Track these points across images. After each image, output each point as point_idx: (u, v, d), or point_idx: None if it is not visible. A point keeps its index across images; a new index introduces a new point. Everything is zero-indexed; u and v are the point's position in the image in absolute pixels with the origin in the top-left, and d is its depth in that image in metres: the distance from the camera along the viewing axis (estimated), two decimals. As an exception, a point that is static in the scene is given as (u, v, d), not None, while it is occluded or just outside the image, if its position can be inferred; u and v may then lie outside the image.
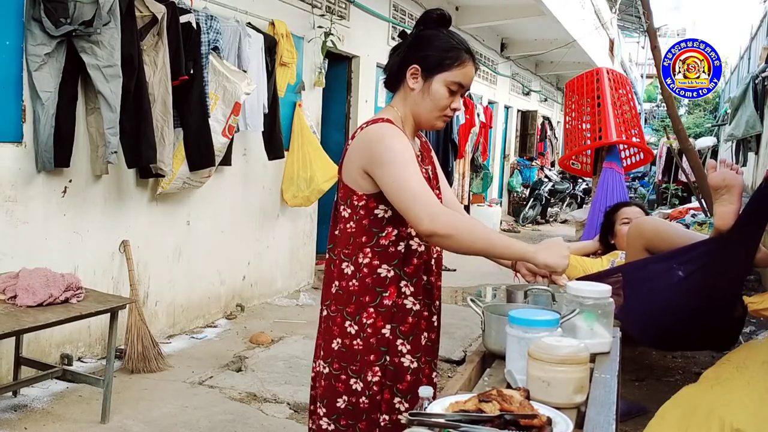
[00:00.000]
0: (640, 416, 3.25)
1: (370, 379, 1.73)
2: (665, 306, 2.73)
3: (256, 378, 3.78)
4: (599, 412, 1.31)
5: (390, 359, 1.74)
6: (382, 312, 1.73)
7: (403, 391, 1.74)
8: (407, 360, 1.75)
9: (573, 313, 1.62)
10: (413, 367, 1.75)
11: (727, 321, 2.83)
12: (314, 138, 5.51)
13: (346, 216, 1.77)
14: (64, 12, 3.21)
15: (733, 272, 2.71)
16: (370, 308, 1.73)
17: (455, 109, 1.77)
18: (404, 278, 1.75)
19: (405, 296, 1.75)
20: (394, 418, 1.74)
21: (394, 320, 1.74)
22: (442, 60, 1.73)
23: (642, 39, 24.64)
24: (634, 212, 3.55)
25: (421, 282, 1.77)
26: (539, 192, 12.19)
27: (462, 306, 5.60)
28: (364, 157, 1.71)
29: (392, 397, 1.75)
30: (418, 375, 1.76)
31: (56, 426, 3.06)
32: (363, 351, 1.73)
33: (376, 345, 1.73)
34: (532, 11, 8.91)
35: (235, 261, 5.06)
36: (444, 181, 2.00)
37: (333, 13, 5.92)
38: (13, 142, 3.31)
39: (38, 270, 3.00)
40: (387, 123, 1.73)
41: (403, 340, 1.75)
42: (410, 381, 1.75)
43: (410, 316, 1.75)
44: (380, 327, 1.73)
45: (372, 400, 1.73)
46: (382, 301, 1.73)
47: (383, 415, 1.75)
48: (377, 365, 1.73)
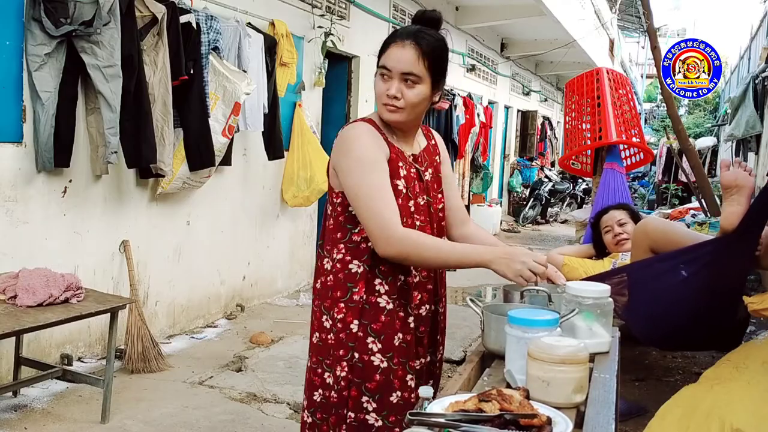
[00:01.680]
0: (640, 416, 3.25)
1: (339, 374, 1.74)
2: (669, 306, 2.74)
3: (256, 378, 3.78)
4: (599, 412, 1.31)
5: (359, 356, 1.72)
6: (352, 307, 1.73)
7: (371, 390, 1.72)
8: (377, 359, 1.72)
9: (572, 312, 1.62)
10: (383, 366, 1.72)
11: (731, 321, 2.83)
12: (314, 138, 5.51)
13: (329, 213, 1.81)
14: (64, 12, 3.21)
15: (737, 273, 2.71)
16: (341, 303, 1.74)
17: (389, 95, 1.71)
18: (379, 276, 1.74)
19: (379, 294, 1.74)
20: (361, 416, 1.72)
21: (363, 317, 1.73)
22: (380, 53, 1.75)
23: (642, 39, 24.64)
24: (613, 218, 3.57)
25: (396, 281, 1.75)
26: (539, 192, 12.19)
27: (462, 306, 5.60)
28: (335, 156, 1.76)
29: (360, 395, 1.72)
30: (389, 376, 1.72)
31: (56, 426, 3.06)
32: (334, 346, 1.74)
33: (345, 340, 1.73)
34: (532, 11, 8.91)
35: (235, 261, 5.06)
36: (451, 184, 1.97)
37: (333, 13, 5.92)
38: (13, 142, 3.31)
39: (38, 270, 3.00)
40: (365, 123, 1.75)
41: (374, 338, 1.72)
42: (379, 381, 1.72)
43: (383, 314, 1.73)
44: (349, 322, 1.73)
45: (340, 395, 1.74)
46: (352, 297, 1.73)
47: (350, 412, 1.73)
48: (345, 360, 1.73)
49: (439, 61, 1.72)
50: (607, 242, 3.58)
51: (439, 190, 1.90)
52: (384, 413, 1.72)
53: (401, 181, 1.75)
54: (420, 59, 1.68)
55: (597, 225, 3.66)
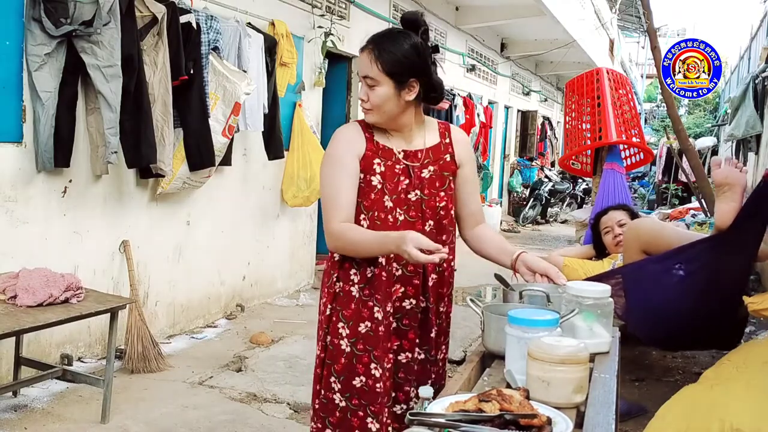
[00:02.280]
0: (640, 416, 3.25)
1: (318, 353, 1.92)
2: (667, 306, 2.74)
3: (256, 378, 3.78)
4: (599, 412, 1.31)
5: (330, 339, 1.88)
6: (330, 293, 1.89)
7: (337, 371, 1.86)
8: (344, 343, 1.85)
9: (572, 312, 1.62)
10: (347, 351, 1.84)
11: (730, 320, 2.83)
12: (314, 138, 5.51)
13: None
14: (64, 12, 3.21)
15: (733, 271, 2.71)
16: (325, 288, 1.92)
17: (360, 98, 1.86)
18: (354, 267, 1.86)
19: (352, 283, 1.86)
20: (329, 395, 1.87)
21: (336, 302, 1.87)
22: None
23: (642, 39, 24.64)
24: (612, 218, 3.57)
25: (365, 272, 1.84)
26: (539, 192, 12.18)
27: (462, 306, 5.59)
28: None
29: (330, 375, 1.87)
30: (352, 360, 1.84)
31: (56, 426, 3.06)
32: (318, 327, 1.94)
33: (322, 322, 1.91)
34: (532, 11, 8.91)
35: (235, 261, 5.06)
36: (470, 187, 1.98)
37: (333, 13, 5.92)
38: (13, 142, 3.31)
39: (38, 270, 3.00)
40: (353, 124, 1.91)
41: (343, 324, 1.86)
42: (344, 364, 1.85)
43: (353, 302, 1.85)
44: (326, 306, 1.89)
45: (315, 372, 1.92)
46: (333, 283, 1.89)
47: (321, 389, 1.88)
48: (321, 341, 1.91)
49: (399, 63, 1.77)
50: (607, 243, 3.59)
51: (441, 188, 1.91)
52: (347, 395, 1.85)
53: (376, 176, 1.84)
54: (374, 62, 1.78)
55: (597, 226, 3.67)
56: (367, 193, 1.84)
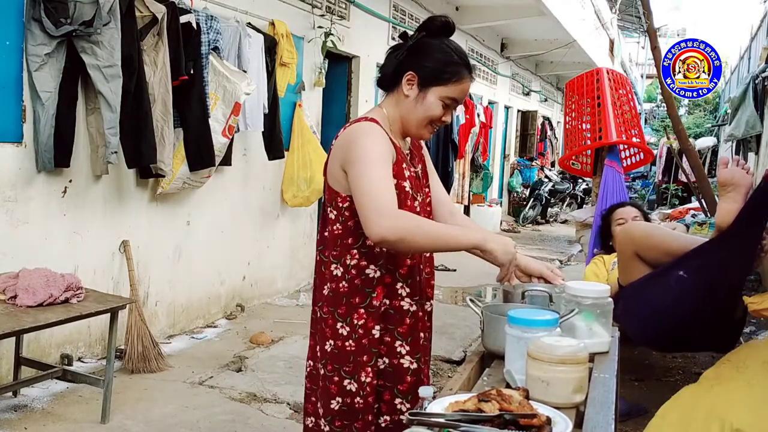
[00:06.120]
0: (640, 416, 3.25)
1: (364, 380, 1.72)
2: (665, 307, 2.73)
3: (256, 378, 3.78)
4: (598, 412, 1.31)
5: (389, 361, 1.76)
6: (372, 312, 1.73)
7: (404, 392, 1.76)
8: (407, 361, 1.76)
9: (572, 312, 1.63)
10: (413, 368, 1.77)
11: (728, 322, 2.82)
12: (314, 138, 5.51)
13: (332, 218, 1.76)
14: (64, 12, 3.21)
15: (733, 272, 2.70)
16: (360, 309, 1.73)
17: (445, 122, 1.76)
18: (400, 280, 1.75)
19: (401, 298, 1.76)
20: (396, 418, 1.76)
21: (387, 321, 1.75)
22: (441, 73, 1.71)
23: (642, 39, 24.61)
24: (628, 212, 3.57)
25: (416, 283, 1.78)
26: (539, 192, 12.18)
27: (462, 306, 5.60)
28: (343, 155, 1.70)
29: (393, 398, 1.77)
30: (419, 375, 1.78)
31: (56, 426, 3.06)
32: (356, 352, 1.73)
33: (368, 346, 1.73)
34: (532, 11, 8.91)
35: (235, 261, 5.06)
36: (435, 178, 1.97)
37: (333, 13, 5.92)
38: (13, 142, 3.31)
39: (38, 270, 3.00)
40: (370, 122, 1.72)
41: (401, 342, 1.76)
42: (411, 382, 1.76)
43: (408, 317, 1.77)
44: (371, 328, 1.73)
45: (365, 401, 1.73)
46: (372, 302, 1.73)
47: (384, 416, 1.77)
48: (369, 366, 1.73)
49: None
50: (617, 233, 3.55)
51: (427, 183, 1.91)
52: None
53: (407, 182, 1.75)
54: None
55: (608, 217, 3.66)
56: (403, 200, 1.71)
